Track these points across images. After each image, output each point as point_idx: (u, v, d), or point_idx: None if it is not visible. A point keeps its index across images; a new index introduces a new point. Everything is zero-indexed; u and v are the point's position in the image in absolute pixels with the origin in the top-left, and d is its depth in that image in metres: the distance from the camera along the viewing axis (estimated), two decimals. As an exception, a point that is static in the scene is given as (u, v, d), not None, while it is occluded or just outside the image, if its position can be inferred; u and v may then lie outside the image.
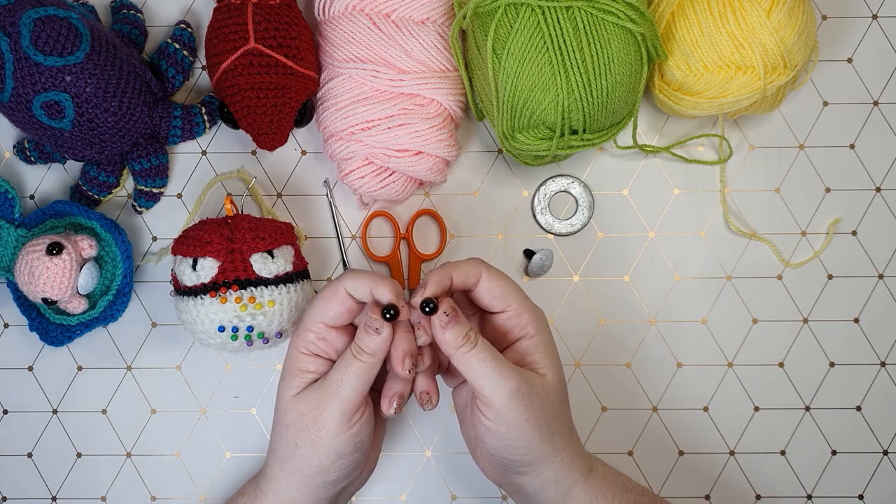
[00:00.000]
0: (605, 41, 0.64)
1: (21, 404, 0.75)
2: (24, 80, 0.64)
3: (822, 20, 0.77)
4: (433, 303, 0.58)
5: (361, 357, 0.58)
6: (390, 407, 0.60)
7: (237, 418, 0.75)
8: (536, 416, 0.58)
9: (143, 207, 0.74)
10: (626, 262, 0.76)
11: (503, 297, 0.60)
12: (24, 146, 0.73)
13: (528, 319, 0.61)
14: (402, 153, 0.69)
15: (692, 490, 0.75)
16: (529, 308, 0.61)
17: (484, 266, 0.61)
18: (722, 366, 0.75)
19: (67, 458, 0.75)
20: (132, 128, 0.69)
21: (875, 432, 0.75)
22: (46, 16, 0.64)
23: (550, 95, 0.65)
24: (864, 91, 0.76)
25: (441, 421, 0.75)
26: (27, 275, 0.67)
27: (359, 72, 0.69)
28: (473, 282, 0.60)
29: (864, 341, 0.75)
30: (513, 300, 0.60)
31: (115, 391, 0.75)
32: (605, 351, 0.75)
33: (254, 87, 0.68)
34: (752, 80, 0.67)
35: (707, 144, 0.76)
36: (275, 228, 0.67)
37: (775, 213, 0.76)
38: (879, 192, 0.76)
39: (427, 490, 0.75)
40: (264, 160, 0.76)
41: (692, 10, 0.67)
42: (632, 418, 0.75)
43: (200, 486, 0.75)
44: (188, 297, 0.65)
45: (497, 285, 0.60)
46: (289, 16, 0.69)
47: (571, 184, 0.75)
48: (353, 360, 0.58)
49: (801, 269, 0.75)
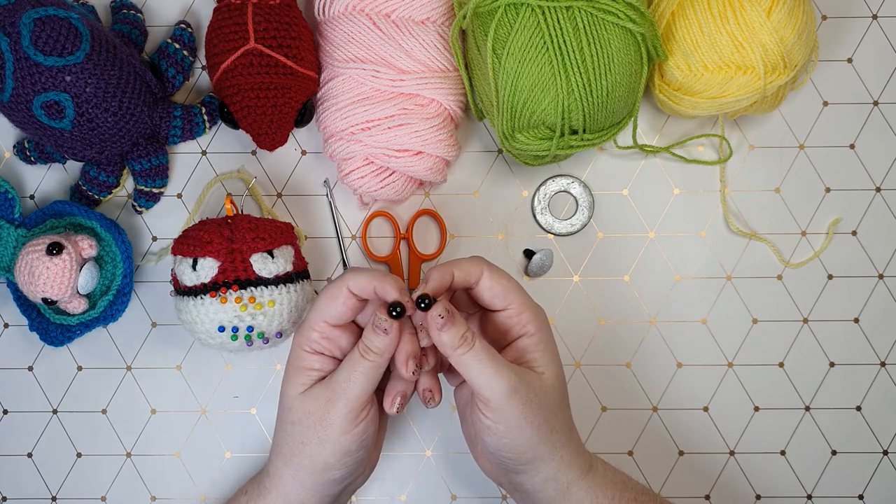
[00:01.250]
0: (605, 41, 0.64)
1: (21, 404, 0.75)
2: (24, 80, 0.64)
3: (822, 20, 0.77)
4: (428, 299, 0.58)
5: (369, 356, 0.58)
6: (393, 405, 0.61)
7: (237, 418, 0.75)
8: (534, 414, 0.58)
9: (143, 207, 0.74)
10: (626, 262, 0.76)
11: (504, 296, 0.60)
12: (24, 146, 0.73)
13: (529, 318, 0.61)
14: (402, 153, 0.69)
15: (692, 490, 0.75)
16: (530, 307, 0.61)
17: (486, 264, 0.61)
18: (722, 366, 0.75)
19: (67, 458, 0.75)
20: (132, 128, 0.69)
21: (875, 432, 0.75)
22: (46, 16, 0.64)
23: (550, 95, 0.65)
24: (864, 91, 0.76)
25: (441, 421, 0.75)
26: (27, 275, 0.67)
27: (359, 72, 0.69)
28: (475, 280, 0.61)
29: (864, 341, 0.75)
30: (513, 299, 0.61)
31: (115, 391, 0.75)
32: (605, 351, 0.75)
33: (254, 87, 0.68)
34: (752, 80, 0.67)
35: (707, 144, 0.76)
36: (275, 228, 0.67)
37: (775, 213, 0.76)
38: (879, 192, 0.76)
39: (427, 490, 0.75)
40: (264, 160, 0.76)
41: (692, 10, 0.67)
42: (632, 418, 0.75)
43: (200, 486, 0.75)
44: (188, 297, 0.65)
45: (498, 283, 0.60)
46: (289, 16, 0.69)
47: (571, 184, 0.75)
48: (360, 359, 0.58)
49: (801, 269, 0.75)
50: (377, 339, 0.58)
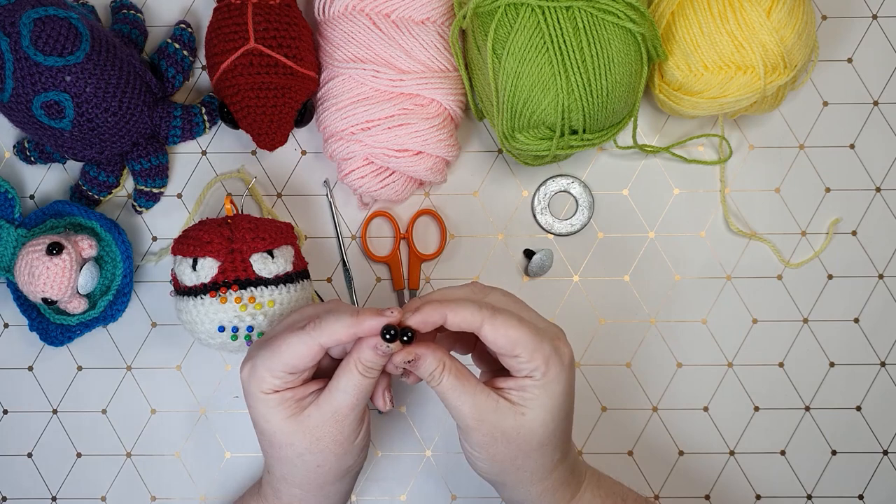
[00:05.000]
0: (605, 41, 0.64)
1: (21, 404, 0.75)
2: (24, 80, 0.64)
3: (822, 20, 0.77)
4: (410, 331, 0.55)
5: (370, 375, 0.57)
6: (386, 405, 0.60)
7: (237, 418, 0.75)
8: (499, 451, 0.57)
9: (143, 207, 0.74)
10: (626, 262, 0.75)
11: (511, 348, 0.56)
12: (24, 146, 0.73)
13: (540, 364, 0.56)
14: (402, 153, 0.69)
15: (692, 490, 0.75)
16: (543, 352, 0.56)
17: (487, 314, 0.55)
18: (722, 366, 0.75)
19: (67, 458, 0.75)
20: (132, 128, 0.69)
21: (875, 432, 0.75)
22: (46, 16, 0.64)
23: (550, 95, 0.65)
24: (864, 91, 0.76)
25: (441, 421, 0.75)
26: (27, 275, 0.67)
27: (359, 72, 0.69)
28: (473, 329, 0.56)
29: (864, 341, 0.75)
30: (521, 350, 0.55)
31: (115, 391, 0.75)
32: (605, 351, 0.75)
33: (254, 87, 0.68)
34: (752, 80, 0.67)
35: (707, 144, 0.76)
36: (275, 228, 0.67)
37: (775, 213, 0.76)
38: (879, 192, 0.76)
39: (427, 490, 0.75)
40: (264, 160, 0.76)
41: (692, 10, 0.67)
42: (632, 418, 0.75)
43: (200, 486, 0.75)
44: (188, 297, 0.65)
45: (503, 336, 0.55)
46: (289, 16, 0.69)
47: (571, 184, 0.75)
48: (362, 378, 0.57)
49: (801, 269, 0.75)
50: (379, 359, 0.56)
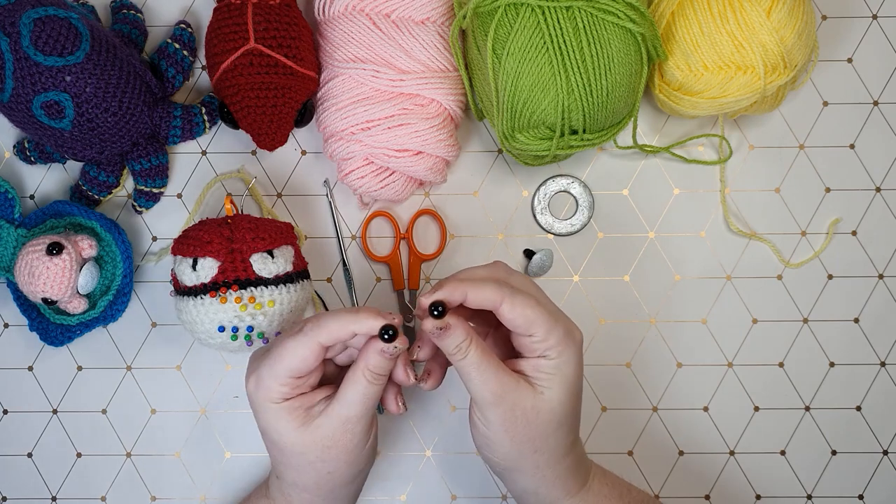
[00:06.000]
0: (605, 41, 0.64)
1: (21, 404, 0.75)
2: (24, 80, 0.64)
3: (822, 20, 0.77)
4: (441, 306, 0.56)
5: (377, 382, 0.58)
6: (399, 408, 0.61)
7: (237, 418, 0.75)
8: (517, 430, 0.58)
9: (143, 207, 0.74)
10: (626, 262, 0.75)
11: (527, 326, 0.57)
12: (24, 146, 0.73)
13: (552, 344, 0.58)
14: (402, 153, 0.69)
15: (692, 490, 0.75)
16: (556, 333, 0.58)
17: (507, 293, 0.57)
18: (722, 366, 0.75)
19: (67, 458, 0.75)
20: (132, 128, 0.69)
21: (875, 432, 0.75)
22: (46, 16, 0.64)
23: (550, 95, 0.65)
24: (864, 91, 0.76)
25: (441, 421, 0.75)
26: (27, 275, 0.67)
27: (359, 72, 0.69)
28: (492, 307, 0.57)
29: (864, 341, 0.75)
30: (537, 329, 0.57)
31: (115, 391, 0.75)
32: (605, 351, 0.75)
33: (254, 87, 0.68)
34: (752, 80, 0.67)
35: (707, 144, 0.76)
36: (275, 228, 0.67)
37: (775, 213, 0.76)
38: (879, 192, 0.76)
39: (427, 490, 0.75)
40: (264, 160, 0.76)
41: (692, 10, 0.67)
42: (632, 418, 0.75)
43: (200, 486, 0.75)
44: (188, 297, 0.65)
45: (520, 315, 0.57)
46: (289, 16, 0.69)
47: (571, 184, 0.75)
48: (370, 386, 0.57)
49: (801, 269, 0.75)
50: (387, 363, 0.57)
